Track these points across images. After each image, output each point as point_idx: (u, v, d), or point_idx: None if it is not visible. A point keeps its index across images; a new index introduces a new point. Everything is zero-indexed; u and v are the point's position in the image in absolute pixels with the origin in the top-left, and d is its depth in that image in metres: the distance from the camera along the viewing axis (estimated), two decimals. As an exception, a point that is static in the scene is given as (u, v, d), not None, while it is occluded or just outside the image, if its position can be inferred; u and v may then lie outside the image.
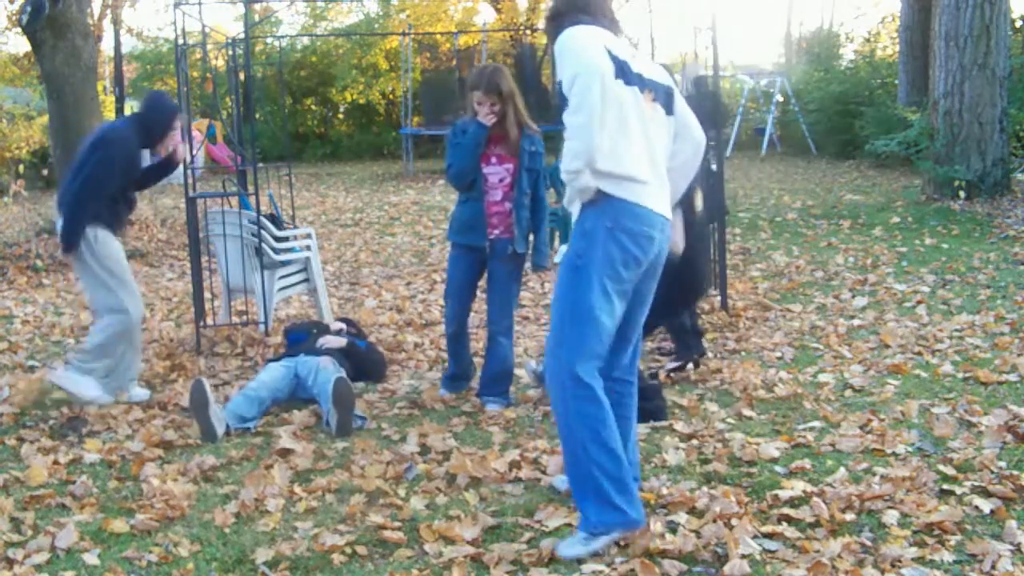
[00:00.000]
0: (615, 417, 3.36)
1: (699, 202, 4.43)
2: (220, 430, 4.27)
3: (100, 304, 4.89)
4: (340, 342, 5.16)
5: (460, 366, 4.87)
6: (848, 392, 4.67)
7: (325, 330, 5.45)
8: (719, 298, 6.37)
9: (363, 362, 5.17)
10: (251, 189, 6.29)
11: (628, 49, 3.28)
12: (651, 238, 3.14)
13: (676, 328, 5.14)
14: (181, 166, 5.40)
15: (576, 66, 3.02)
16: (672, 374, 5.01)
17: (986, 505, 3.25)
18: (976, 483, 3.44)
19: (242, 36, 8.36)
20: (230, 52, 7.84)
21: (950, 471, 3.56)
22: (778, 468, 3.70)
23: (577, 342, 3.08)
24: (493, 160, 4.53)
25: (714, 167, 6.06)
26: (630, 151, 3.12)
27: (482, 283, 4.77)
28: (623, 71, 3.14)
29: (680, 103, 3.39)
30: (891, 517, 3.19)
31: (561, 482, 3.59)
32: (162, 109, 5.02)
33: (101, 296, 4.86)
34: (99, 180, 4.80)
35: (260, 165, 6.43)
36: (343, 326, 5.54)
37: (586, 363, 3.08)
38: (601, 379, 3.13)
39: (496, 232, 4.57)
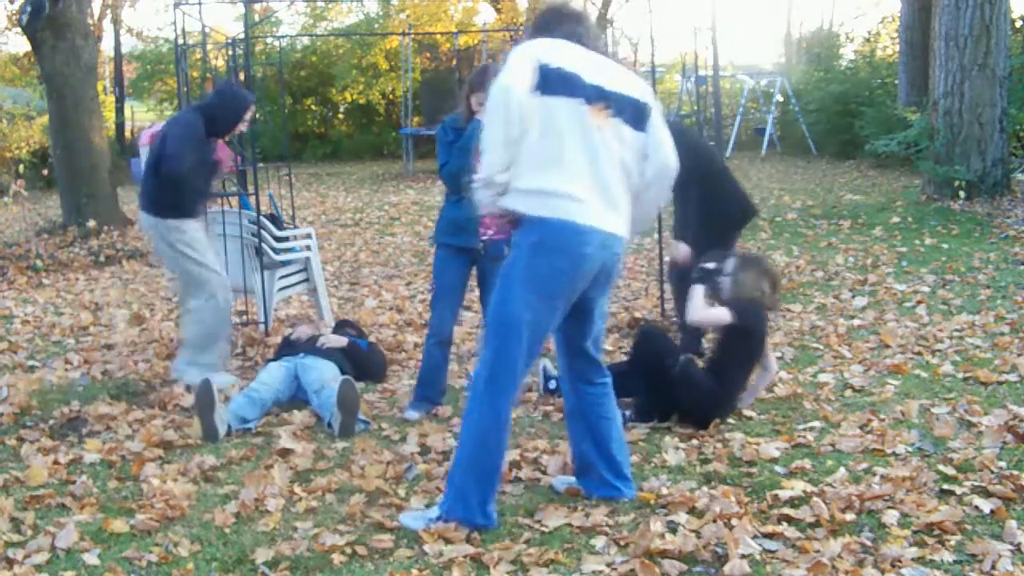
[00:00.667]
0: (595, 418, 3.42)
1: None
2: (222, 431, 4.27)
3: (192, 291, 5.09)
4: (341, 342, 5.16)
5: (434, 386, 4.64)
6: (848, 392, 4.67)
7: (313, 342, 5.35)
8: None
9: (364, 362, 5.16)
10: (251, 189, 6.29)
11: (587, 59, 3.22)
12: (583, 254, 3.13)
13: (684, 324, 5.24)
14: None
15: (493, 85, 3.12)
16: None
17: (986, 505, 3.25)
18: (976, 483, 3.44)
19: (242, 36, 8.37)
20: (230, 52, 7.84)
21: (950, 471, 3.56)
22: (778, 468, 3.70)
23: (497, 349, 3.16)
24: None
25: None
26: (559, 166, 3.10)
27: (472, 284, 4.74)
28: (562, 82, 3.11)
29: (656, 122, 3.32)
30: (891, 517, 3.19)
31: (560, 483, 3.60)
32: (236, 99, 5.12)
33: (190, 284, 5.07)
34: (174, 160, 4.88)
35: (260, 165, 6.43)
36: (313, 330, 5.47)
37: (503, 371, 3.15)
38: (517, 390, 3.24)
39: (489, 233, 4.53)
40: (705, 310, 4.26)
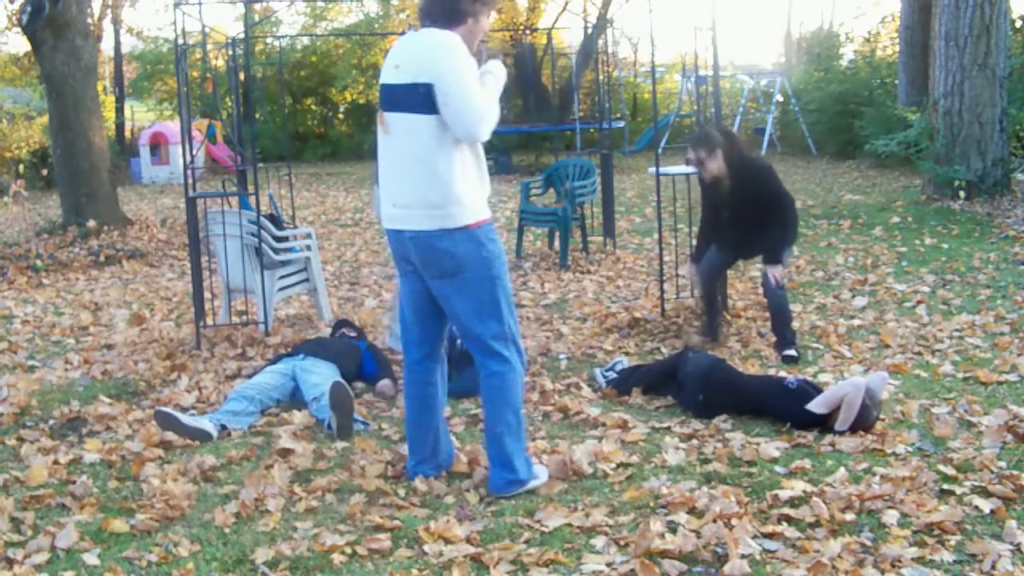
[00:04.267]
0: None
1: None
2: (211, 431, 4.25)
3: None
4: (390, 390, 5.08)
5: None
6: (848, 392, 4.66)
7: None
8: (719, 298, 6.36)
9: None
10: (251, 189, 6.29)
11: (400, 56, 3.44)
12: (395, 254, 3.60)
13: (709, 305, 5.70)
14: (181, 166, 5.41)
15: None
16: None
17: (986, 505, 3.25)
18: (976, 483, 3.44)
19: (242, 36, 8.37)
20: (230, 52, 7.85)
21: (950, 471, 3.56)
22: (778, 468, 3.70)
23: None
24: None
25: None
26: (381, 187, 3.51)
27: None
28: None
29: (442, 98, 3.27)
30: (891, 517, 3.19)
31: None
32: None
33: None
34: None
35: (260, 165, 6.43)
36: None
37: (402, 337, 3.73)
38: (410, 353, 3.69)
39: None
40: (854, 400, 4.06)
